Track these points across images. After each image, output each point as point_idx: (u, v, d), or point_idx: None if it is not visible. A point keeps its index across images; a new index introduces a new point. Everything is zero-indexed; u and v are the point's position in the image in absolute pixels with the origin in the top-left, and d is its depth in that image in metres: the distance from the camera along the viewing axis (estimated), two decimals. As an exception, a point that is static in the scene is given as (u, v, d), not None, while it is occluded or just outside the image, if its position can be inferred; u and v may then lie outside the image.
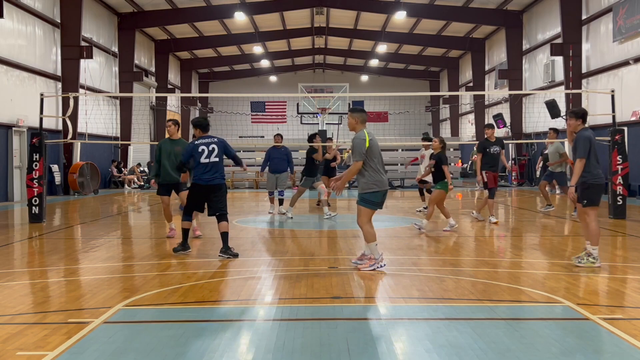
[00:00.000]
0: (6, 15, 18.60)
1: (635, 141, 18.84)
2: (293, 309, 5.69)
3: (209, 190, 8.70)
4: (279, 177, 14.56)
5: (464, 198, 21.55)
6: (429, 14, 29.73)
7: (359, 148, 7.39)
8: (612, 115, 13.98)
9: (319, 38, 37.82)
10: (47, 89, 21.81)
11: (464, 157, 34.02)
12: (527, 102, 28.25)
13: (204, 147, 8.68)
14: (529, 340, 4.69)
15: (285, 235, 11.12)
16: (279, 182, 14.57)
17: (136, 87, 30.72)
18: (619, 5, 19.97)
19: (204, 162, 8.63)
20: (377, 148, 7.55)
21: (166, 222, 11.15)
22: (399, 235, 10.89)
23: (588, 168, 7.66)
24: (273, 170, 14.56)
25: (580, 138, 7.73)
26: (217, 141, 8.79)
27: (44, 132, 13.84)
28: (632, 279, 7.02)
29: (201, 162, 8.64)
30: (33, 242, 10.74)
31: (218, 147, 8.72)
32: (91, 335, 4.83)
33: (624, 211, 13.21)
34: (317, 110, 28.49)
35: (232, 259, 8.37)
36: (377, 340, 4.70)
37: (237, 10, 28.66)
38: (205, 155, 8.64)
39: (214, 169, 8.69)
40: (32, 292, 6.63)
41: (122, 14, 28.41)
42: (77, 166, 22.59)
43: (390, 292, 6.36)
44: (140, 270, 7.81)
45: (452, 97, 38.23)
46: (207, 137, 8.87)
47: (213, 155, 8.66)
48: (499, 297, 6.15)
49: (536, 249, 9.60)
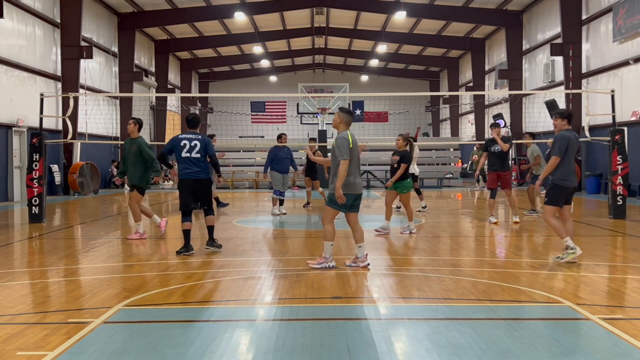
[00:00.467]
0: (6, 15, 18.61)
1: (635, 141, 18.85)
2: (293, 309, 5.69)
3: (196, 184, 8.85)
4: (286, 177, 14.68)
5: (464, 198, 21.56)
6: (429, 14, 29.73)
7: (344, 147, 7.40)
8: (612, 115, 13.99)
9: (319, 38, 37.82)
10: (47, 89, 21.81)
11: (464, 157, 34.02)
12: (527, 102, 28.25)
13: (186, 142, 8.83)
14: (529, 340, 4.69)
15: (285, 235, 11.12)
16: (285, 181, 14.68)
17: (136, 87, 30.73)
18: (619, 5, 19.97)
19: (184, 157, 8.80)
20: (356, 151, 7.61)
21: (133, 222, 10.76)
22: (399, 235, 10.89)
23: (559, 168, 7.78)
24: (282, 170, 14.62)
25: (558, 137, 7.89)
26: (200, 138, 8.93)
27: (44, 132, 13.84)
28: (632, 279, 7.02)
29: (182, 156, 8.81)
30: (33, 242, 10.73)
31: (200, 144, 8.87)
32: (91, 335, 4.83)
33: (624, 211, 13.21)
34: (317, 110, 28.49)
35: (218, 251, 8.88)
36: (377, 340, 4.70)
37: (237, 10, 28.67)
38: (186, 150, 8.79)
39: (197, 165, 8.84)
40: (32, 292, 6.63)
41: (122, 14, 28.42)
42: (77, 166, 22.60)
43: (390, 292, 6.36)
44: (140, 270, 7.81)
45: (452, 97, 38.23)
46: (192, 133, 9.01)
47: (194, 151, 8.80)
48: (499, 297, 6.15)
49: (536, 249, 9.60)
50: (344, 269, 7.55)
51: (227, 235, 11.06)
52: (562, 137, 7.83)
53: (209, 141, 8.98)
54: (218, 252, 8.93)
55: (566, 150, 7.77)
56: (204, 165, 8.91)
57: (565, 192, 7.89)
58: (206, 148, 8.90)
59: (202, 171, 8.87)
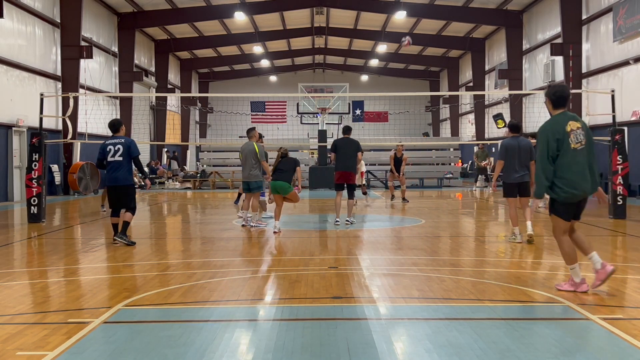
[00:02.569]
0: (6, 15, 18.60)
1: (635, 141, 18.85)
2: (293, 309, 5.69)
3: (114, 190, 9.39)
4: None
5: (464, 198, 21.57)
6: (429, 14, 29.72)
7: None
8: (612, 115, 13.99)
9: (319, 38, 37.81)
10: (47, 89, 21.80)
11: (464, 157, 34.02)
12: (527, 102, 28.25)
13: (111, 147, 9.27)
14: (529, 340, 4.69)
15: (285, 235, 11.12)
16: None
17: (136, 87, 30.71)
18: (619, 5, 19.97)
19: (109, 161, 9.24)
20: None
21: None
22: (399, 235, 10.89)
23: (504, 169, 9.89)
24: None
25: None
26: (123, 142, 9.28)
27: (43, 132, 13.84)
28: (632, 279, 7.02)
29: (107, 160, 9.25)
30: (32, 242, 10.73)
31: (123, 147, 9.21)
32: (91, 335, 4.83)
33: (624, 211, 13.21)
34: (317, 110, 28.47)
35: (132, 246, 9.32)
36: (377, 340, 4.70)
37: (237, 10, 28.65)
38: (111, 154, 9.21)
39: (119, 170, 9.21)
40: (32, 292, 6.63)
41: (122, 14, 28.40)
42: (77, 166, 22.59)
43: (390, 292, 6.35)
44: (140, 270, 7.81)
45: (452, 97, 38.21)
46: (117, 137, 9.39)
47: (117, 154, 9.18)
48: (499, 297, 6.15)
49: (536, 249, 9.59)
50: (344, 269, 7.54)
51: (227, 235, 11.07)
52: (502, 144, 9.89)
53: (133, 143, 9.34)
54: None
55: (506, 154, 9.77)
56: (126, 168, 9.26)
57: (510, 187, 9.93)
58: (129, 150, 9.24)
59: (122, 176, 9.26)
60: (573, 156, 6.05)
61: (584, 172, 6.07)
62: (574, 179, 6.03)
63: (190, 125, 39.67)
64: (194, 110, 40.76)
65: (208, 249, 9.40)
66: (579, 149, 6.06)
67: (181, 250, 9.69)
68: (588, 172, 6.09)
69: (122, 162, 9.24)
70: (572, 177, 6.03)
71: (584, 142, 6.09)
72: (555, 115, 6.23)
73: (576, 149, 6.05)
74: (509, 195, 9.92)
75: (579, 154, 6.07)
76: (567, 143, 6.04)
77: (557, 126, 6.10)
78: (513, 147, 9.73)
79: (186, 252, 9.29)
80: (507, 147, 9.76)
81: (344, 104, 29.82)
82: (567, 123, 6.10)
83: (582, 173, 6.05)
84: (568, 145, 6.04)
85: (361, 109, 41.74)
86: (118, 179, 9.29)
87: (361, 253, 9.09)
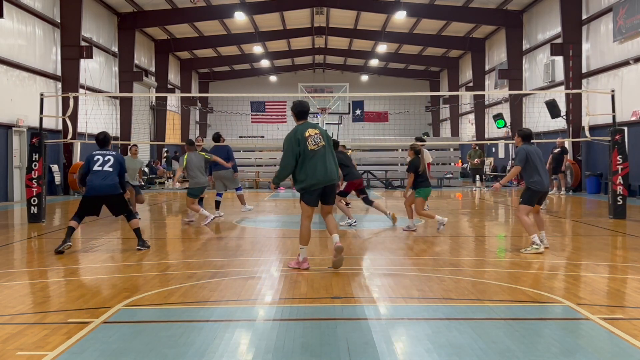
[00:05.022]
0: (6, 15, 18.60)
1: (635, 141, 18.85)
2: (293, 309, 5.69)
3: (100, 199, 9.17)
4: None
5: (464, 198, 21.56)
6: (429, 14, 29.72)
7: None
8: (612, 115, 13.99)
9: (319, 38, 37.81)
10: (47, 89, 21.80)
11: (464, 158, 33.98)
12: (527, 102, 28.24)
13: (100, 157, 9.19)
14: (529, 340, 4.69)
15: (285, 235, 11.12)
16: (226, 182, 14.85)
17: (136, 87, 30.70)
18: (619, 5, 19.97)
19: (96, 170, 9.08)
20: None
21: None
22: (399, 235, 10.89)
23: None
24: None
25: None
26: (115, 155, 9.28)
27: (43, 132, 13.84)
28: (632, 279, 7.02)
29: (93, 170, 9.08)
30: (32, 242, 10.73)
31: (114, 160, 9.19)
32: (91, 335, 4.83)
33: (624, 211, 13.21)
34: (317, 111, 28.48)
35: (148, 250, 9.11)
36: (377, 340, 4.70)
37: (237, 10, 28.66)
38: (99, 164, 9.11)
39: (107, 177, 9.07)
40: (32, 292, 6.63)
41: (122, 14, 28.40)
42: (77, 166, 22.58)
43: (390, 292, 6.35)
44: (140, 270, 7.81)
45: (452, 97, 38.21)
46: (106, 149, 9.36)
47: (107, 165, 9.11)
48: (499, 297, 6.15)
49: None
50: (344, 269, 7.53)
51: (227, 235, 11.08)
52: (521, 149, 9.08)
53: (123, 161, 9.34)
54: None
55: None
56: (115, 179, 9.15)
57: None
58: (120, 166, 9.22)
59: (112, 185, 9.09)
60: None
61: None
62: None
63: (190, 125, 39.69)
64: (194, 110, 40.76)
65: (208, 249, 9.40)
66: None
67: (181, 250, 9.69)
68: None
69: (112, 172, 9.07)
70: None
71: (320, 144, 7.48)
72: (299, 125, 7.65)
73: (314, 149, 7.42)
74: (530, 204, 9.02)
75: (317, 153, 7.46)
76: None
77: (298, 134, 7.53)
78: (534, 153, 9.07)
79: (186, 252, 9.29)
80: (528, 152, 9.00)
81: (344, 104, 29.85)
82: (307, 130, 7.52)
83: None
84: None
85: (361, 109, 41.73)
86: (109, 187, 9.01)
87: (361, 253, 9.09)
